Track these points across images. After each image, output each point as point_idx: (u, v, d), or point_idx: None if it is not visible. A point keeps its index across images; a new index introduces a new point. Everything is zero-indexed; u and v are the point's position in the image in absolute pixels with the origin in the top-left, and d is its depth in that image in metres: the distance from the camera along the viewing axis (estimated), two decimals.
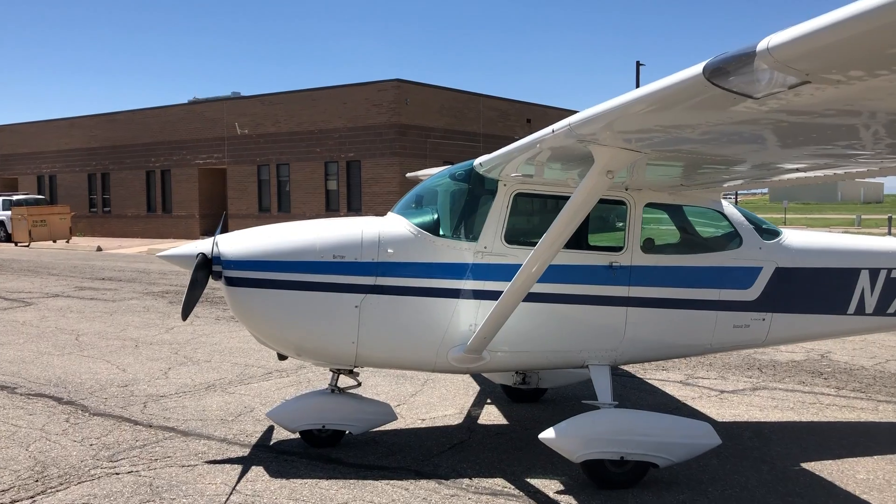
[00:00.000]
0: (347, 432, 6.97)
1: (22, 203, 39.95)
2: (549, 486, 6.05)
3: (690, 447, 6.03)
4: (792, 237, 7.12)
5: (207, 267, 6.27)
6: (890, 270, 7.17)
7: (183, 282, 16.73)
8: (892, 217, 35.79)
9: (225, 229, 6.78)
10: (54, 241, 38.79)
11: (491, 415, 8.11)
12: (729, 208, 7.02)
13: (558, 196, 6.54)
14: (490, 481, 6.13)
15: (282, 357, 7.01)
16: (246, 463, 6.50)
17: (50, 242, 38.45)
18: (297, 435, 6.93)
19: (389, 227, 6.52)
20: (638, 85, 45.60)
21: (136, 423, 7.65)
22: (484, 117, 39.27)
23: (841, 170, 5.11)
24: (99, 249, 34.34)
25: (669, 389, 9.22)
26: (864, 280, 7.10)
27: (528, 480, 6.15)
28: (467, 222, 6.62)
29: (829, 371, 10.14)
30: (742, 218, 7.01)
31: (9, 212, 39.72)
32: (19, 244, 37.67)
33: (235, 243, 6.40)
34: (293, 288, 6.26)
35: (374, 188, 35.17)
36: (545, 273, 5.80)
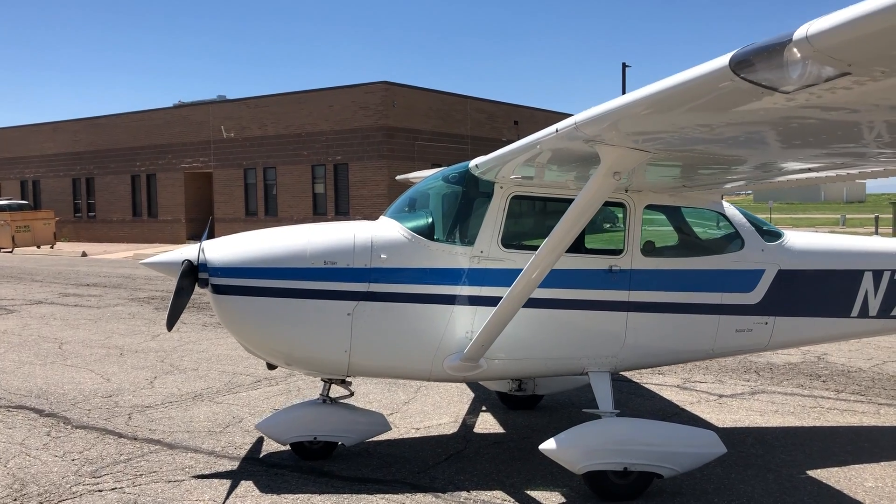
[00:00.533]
0: (340, 444, 6.75)
1: (5, 208, 39.33)
2: (551, 499, 5.85)
3: (696, 456, 5.85)
4: (794, 238, 6.96)
5: (193, 274, 6.03)
6: (894, 272, 7.02)
7: (170, 287, 16.43)
8: (879, 217, 35.83)
9: (212, 235, 6.54)
10: (38, 247, 38.38)
11: (487, 423, 7.91)
12: (730, 209, 6.85)
13: (557, 198, 6.36)
14: (489, 494, 5.92)
15: (271, 366, 6.77)
16: (235, 477, 6.26)
17: (34, 248, 38.04)
18: (288, 447, 6.70)
19: (382, 232, 6.31)
20: (624, 87, 45.55)
21: (121, 436, 7.40)
22: (472, 119, 39.10)
23: (856, 169, 4.93)
24: (84, 255, 33.87)
25: (667, 394, 9.05)
26: (868, 282, 6.95)
27: (529, 493, 5.95)
28: (463, 226, 6.41)
29: (827, 373, 10.00)
30: (743, 219, 6.84)
31: None
32: (2, 250, 37.21)
33: (222, 250, 6.16)
34: (283, 295, 6.04)
35: (362, 191, 34.92)
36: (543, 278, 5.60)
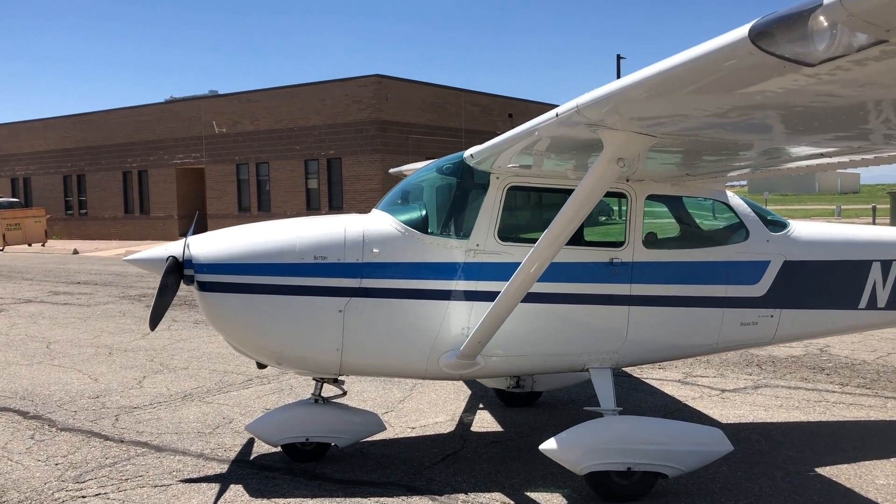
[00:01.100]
0: (333, 445, 6.52)
1: None
2: (551, 501, 5.64)
3: (701, 455, 5.64)
4: (800, 229, 6.75)
5: (178, 271, 5.79)
6: None
7: None
8: (876, 207, 35.70)
9: (199, 230, 6.30)
10: (29, 245, 38.03)
11: (484, 421, 7.69)
12: (734, 199, 6.63)
13: (556, 189, 6.13)
14: (487, 496, 5.71)
15: (261, 366, 6.54)
16: (224, 481, 6.03)
17: (25, 246, 37.66)
18: (279, 449, 6.48)
19: (374, 225, 6.07)
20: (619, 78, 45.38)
21: (107, 439, 7.16)
22: (466, 112, 38.81)
23: (871, 154, 4.71)
24: (75, 252, 33.53)
25: (668, 389, 8.85)
26: (876, 272, 6.74)
27: (528, 494, 5.73)
28: (458, 218, 6.17)
29: (831, 366, 9.81)
30: (748, 209, 6.62)
31: None
32: None
33: (208, 245, 5.92)
34: (272, 292, 5.80)
35: (356, 186, 34.66)
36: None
